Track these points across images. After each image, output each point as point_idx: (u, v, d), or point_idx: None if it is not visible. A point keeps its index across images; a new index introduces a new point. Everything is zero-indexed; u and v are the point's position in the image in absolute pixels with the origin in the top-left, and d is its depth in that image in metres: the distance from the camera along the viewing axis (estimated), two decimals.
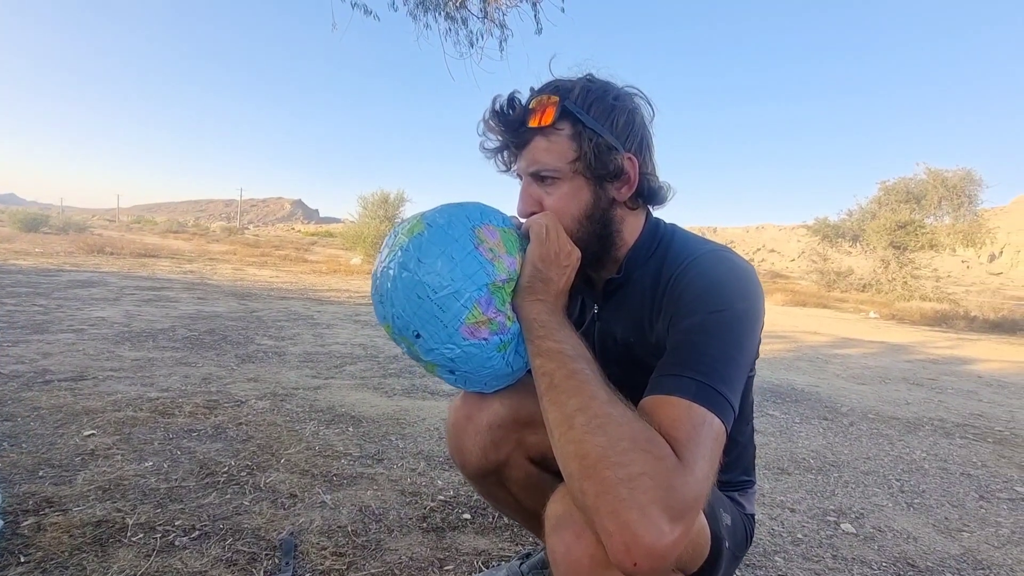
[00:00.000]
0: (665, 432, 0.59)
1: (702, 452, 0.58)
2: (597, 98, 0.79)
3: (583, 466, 0.57)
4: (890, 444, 2.44)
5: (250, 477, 1.52)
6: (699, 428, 0.60)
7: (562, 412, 0.62)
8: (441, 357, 0.76)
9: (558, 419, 0.62)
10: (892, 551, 1.43)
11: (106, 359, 2.79)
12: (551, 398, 0.65)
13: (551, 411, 0.64)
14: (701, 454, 0.58)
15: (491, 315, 0.74)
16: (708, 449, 0.59)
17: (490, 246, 0.76)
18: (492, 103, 0.80)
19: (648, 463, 0.55)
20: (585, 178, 0.79)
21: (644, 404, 0.65)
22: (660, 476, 0.54)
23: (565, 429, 0.61)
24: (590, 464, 0.56)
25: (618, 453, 0.55)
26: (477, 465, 0.92)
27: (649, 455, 0.55)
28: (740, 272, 0.74)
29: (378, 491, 1.52)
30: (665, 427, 0.60)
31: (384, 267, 0.77)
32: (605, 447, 0.56)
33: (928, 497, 1.84)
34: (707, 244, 0.80)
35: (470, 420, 0.91)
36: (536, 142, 0.79)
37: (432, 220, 0.77)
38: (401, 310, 0.75)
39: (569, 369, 0.66)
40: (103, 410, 1.98)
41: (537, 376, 0.70)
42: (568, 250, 0.77)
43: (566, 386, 0.64)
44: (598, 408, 0.60)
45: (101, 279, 6.55)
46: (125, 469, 1.50)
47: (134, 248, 12.46)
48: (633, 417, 0.60)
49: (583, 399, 0.62)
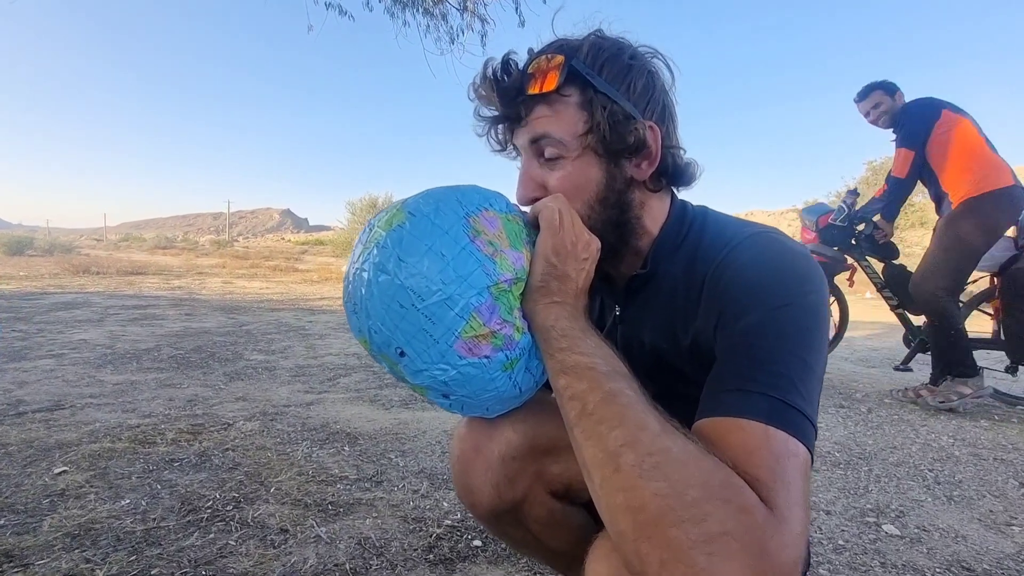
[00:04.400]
0: (742, 470, 0.45)
1: (795, 495, 0.44)
2: (610, 57, 0.65)
3: (639, 523, 0.42)
4: (914, 431, 2.33)
5: (236, 511, 1.38)
6: (784, 461, 0.46)
7: (602, 448, 0.47)
8: (432, 380, 0.61)
9: (598, 458, 0.48)
10: (943, 553, 1.31)
11: (86, 385, 2.63)
12: (585, 429, 0.50)
13: (587, 447, 0.49)
14: (794, 498, 0.44)
15: (495, 326, 0.59)
16: (800, 489, 0.45)
17: (490, 238, 0.60)
18: (483, 67, 0.66)
19: (730, 517, 0.40)
20: (597, 154, 0.66)
21: (702, 429, 0.51)
22: (749, 535, 0.40)
23: (609, 472, 0.46)
24: (649, 520, 0.42)
25: (687, 505, 0.41)
26: (490, 506, 0.76)
27: (730, 506, 0.41)
28: (799, 257, 0.60)
29: (378, 519, 1.38)
30: (740, 463, 0.45)
31: (357, 269, 0.62)
32: (668, 496, 0.42)
33: (966, 488, 1.72)
34: (750, 225, 0.66)
35: (479, 453, 0.76)
36: (537, 113, 0.66)
37: (415, 208, 0.62)
38: (380, 323, 0.60)
39: (605, 391, 0.51)
40: (78, 442, 1.83)
41: (563, 400, 0.55)
42: (586, 239, 0.64)
43: (604, 413, 0.49)
44: (651, 442, 0.45)
45: (85, 300, 6.35)
46: (98, 510, 1.36)
47: (121, 266, 12.20)
48: (698, 452, 0.45)
49: (629, 430, 0.47)
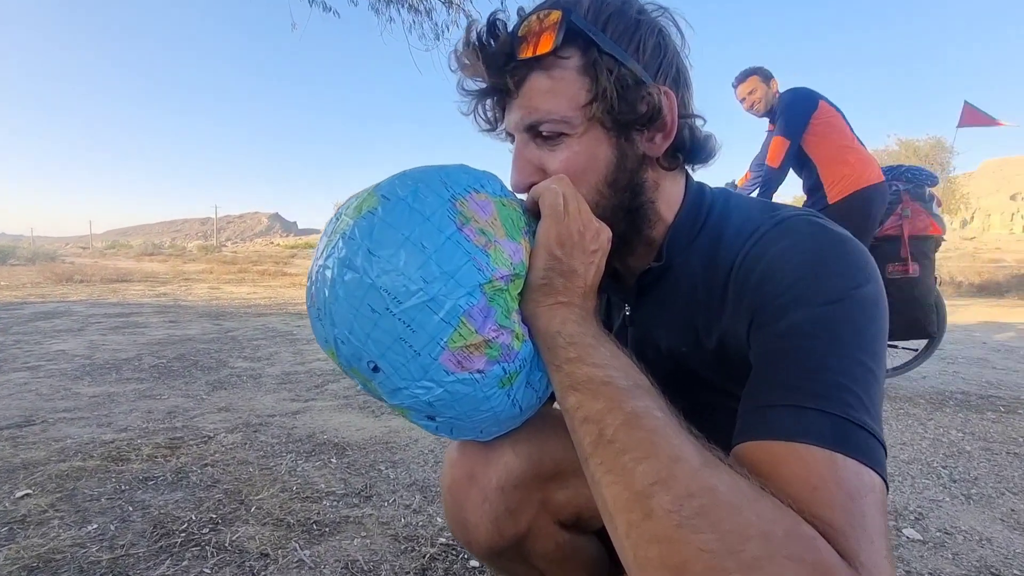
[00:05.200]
0: (807, 512, 0.35)
1: (879, 544, 0.35)
2: (615, 12, 0.55)
3: None
4: (922, 426, 2.26)
5: (213, 534, 1.28)
6: (859, 500, 0.36)
7: (628, 487, 0.37)
8: (413, 400, 0.50)
9: (622, 498, 0.37)
10: (969, 559, 1.23)
11: (60, 398, 2.51)
12: (605, 461, 0.40)
13: (608, 484, 0.39)
14: (878, 548, 0.34)
15: (489, 334, 0.48)
16: (883, 535, 0.36)
17: (482, 226, 0.49)
18: (467, 32, 0.56)
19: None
20: (604, 128, 0.56)
21: (746, 456, 0.41)
22: None
23: (638, 517, 0.36)
24: None
25: (745, 566, 0.31)
26: (489, 544, 0.65)
27: (802, 566, 0.31)
28: (845, 241, 0.51)
29: (367, 538, 1.28)
30: (803, 502, 0.36)
31: (320, 266, 0.51)
32: (718, 553, 0.32)
33: (983, 485, 1.66)
34: (781, 208, 0.57)
35: (473, 482, 0.64)
36: (533, 81, 0.55)
37: (390, 191, 0.50)
38: (347, 331, 0.48)
39: (627, 411, 0.41)
40: (46, 462, 1.71)
41: (574, 423, 0.44)
42: (596, 228, 0.54)
43: (628, 441, 0.39)
44: (691, 479, 0.35)
45: (67, 309, 6.17)
46: (61, 538, 1.25)
47: (106, 274, 11.95)
48: (753, 492, 0.35)
49: (662, 463, 0.37)
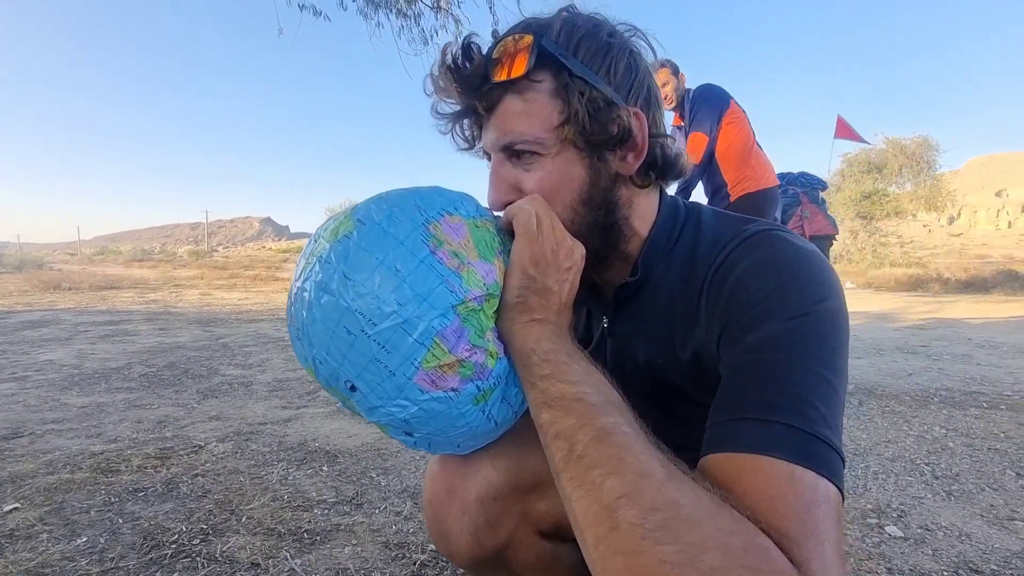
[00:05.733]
0: (765, 522, 0.37)
1: (830, 553, 0.37)
2: (586, 35, 0.57)
3: None
4: (906, 423, 2.30)
5: (204, 545, 1.28)
6: (815, 510, 0.38)
7: (596, 501, 0.39)
8: (390, 417, 0.52)
9: (591, 512, 0.40)
10: (949, 555, 1.26)
11: (49, 409, 2.49)
12: (575, 476, 0.42)
13: (578, 498, 0.41)
14: (830, 557, 0.37)
15: (462, 353, 0.51)
16: (835, 544, 0.38)
17: (454, 248, 0.52)
18: (442, 54, 0.58)
19: None
20: (577, 148, 0.58)
21: (712, 468, 0.44)
22: None
23: (605, 530, 0.38)
24: None
25: (704, 574, 0.33)
26: (470, 556, 0.67)
27: (757, 575, 0.33)
28: (810, 255, 0.53)
29: (358, 546, 1.29)
30: (762, 513, 0.38)
31: (299, 288, 0.53)
32: (680, 564, 0.34)
33: (964, 481, 1.69)
34: (752, 222, 0.59)
35: (453, 496, 0.67)
36: (507, 103, 0.58)
37: (365, 215, 0.53)
38: (325, 352, 0.51)
39: (598, 427, 0.43)
40: (34, 474, 1.70)
41: (547, 439, 0.47)
42: (569, 246, 0.56)
43: (597, 456, 0.42)
44: (656, 493, 0.38)
45: (55, 317, 6.10)
46: (50, 551, 1.25)
47: (94, 281, 11.83)
48: (714, 505, 0.38)
49: (628, 478, 0.39)
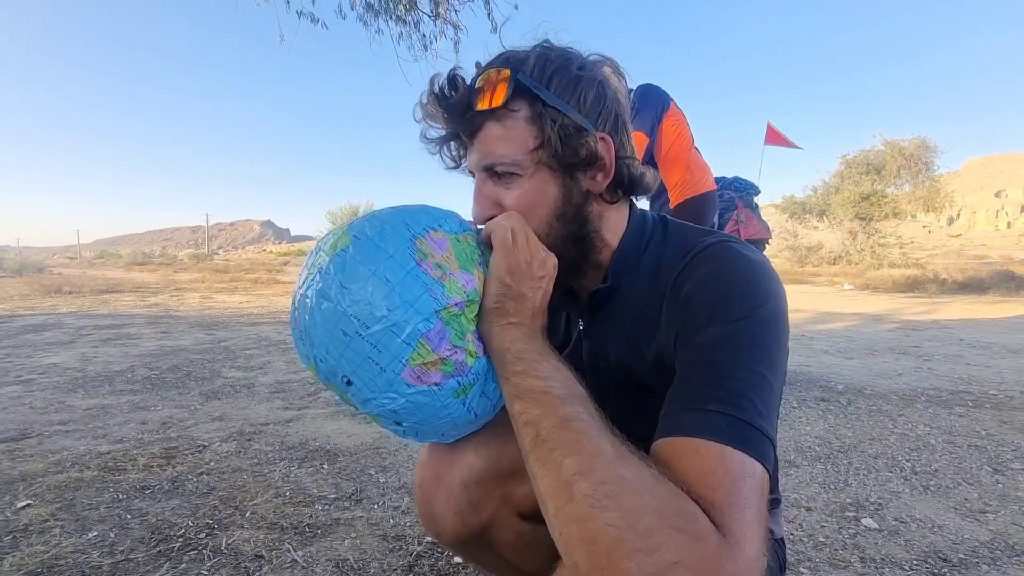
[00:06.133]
0: (697, 493, 0.44)
1: (749, 518, 0.44)
2: (558, 68, 0.64)
3: (593, 555, 0.42)
4: (892, 421, 2.36)
5: (210, 539, 1.34)
6: (740, 484, 0.46)
7: (556, 477, 0.47)
8: (381, 409, 0.60)
9: (552, 487, 0.47)
10: (920, 545, 1.32)
11: (54, 411, 2.55)
12: (539, 457, 0.49)
13: (541, 475, 0.49)
14: (749, 521, 0.44)
15: (444, 352, 0.58)
16: (755, 511, 0.45)
17: (437, 261, 0.60)
18: (430, 84, 0.65)
19: (683, 547, 0.40)
20: (551, 169, 0.65)
21: (659, 451, 0.51)
22: (702, 564, 0.40)
23: (562, 502, 0.45)
24: (602, 552, 0.41)
25: (640, 535, 0.40)
26: (454, 533, 0.75)
27: (683, 535, 0.41)
28: (756, 264, 0.60)
29: (357, 539, 1.35)
30: (695, 485, 0.45)
31: (301, 295, 0.61)
32: (621, 527, 0.41)
33: (942, 477, 1.75)
34: (709, 234, 0.66)
35: (439, 480, 0.75)
36: (488, 129, 0.65)
37: (360, 231, 0.61)
38: (324, 351, 0.59)
39: (560, 416, 0.50)
40: (44, 473, 1.76)
41: (518, 426, 0.54)
42: (542, 257, 0.63)
43: (559, 440, 0.49)
44: (605, 470, 0.45)
45: (57, 321, 6.16)
46: (63, 544, 1.31)
47: (95, 285, 11.87)
48: (654, 479, 0.45)
49: (583, 458, 0.46)
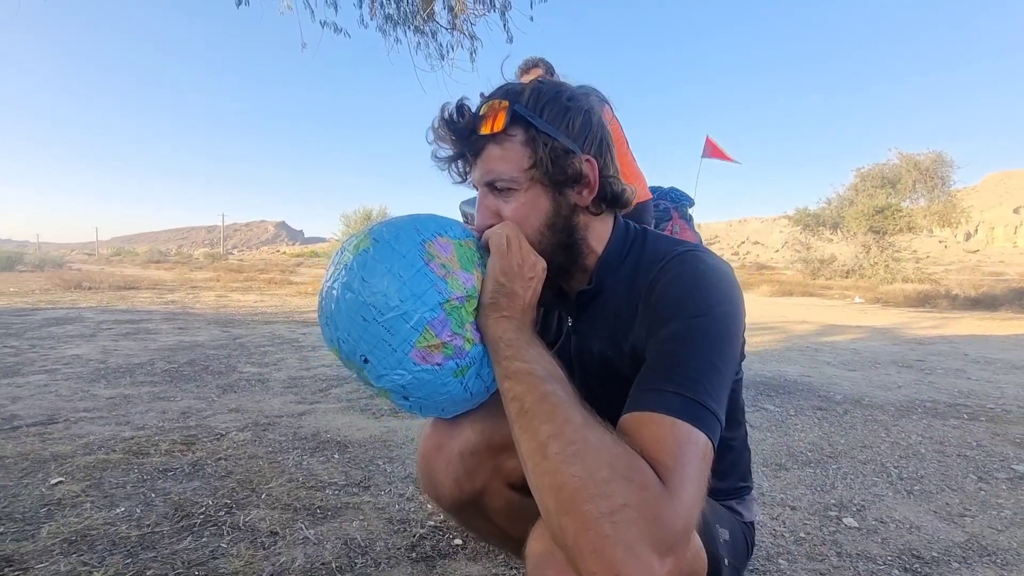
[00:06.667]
0: (649, 454, 0.54)
1: (689, 474, 0.54)
2: (549, 100, 0.75)
3: (560, 500, 0.52)
4: (885, 430, 2.42)
5: (228, 516, 1.45)
6: (685, 448, 0.56)
7: (535, 440, 0.57)
8: (391, 383, 0.71)
9: (530, 448, 0.57)
10: (896, 543, 1.39)
11: (79, 399, 2.68)
12: (522, 425, 0.60)
13: (523, 439, 0.59)
14: (688, 476, 0.54)
15: (445, 338, 0.69)
16: (696, 470, 0.55)
17: (442, 261, 0.71)
18: (441, 111, 0.76)
19: (631, 493, 0.50)
20: (543, 185, 0.75)
21: (624, 423, 0.61)
22: (645, 506, 0.49)
23: (539, 459, 0.55)
24: (567, 498, 0.51)
25: (597, 483, 0.50)
26: (451, 497, 0.86)
27: (632, 483, 0.50)
28: (716, 272, 0.70)
29: (364, 521, 1.45)
30: (648, 449, 0.55)
31: (329, 287, 0.73)
32: (583, 477, 0.51)
33: (927, 483, 1.81)
34: (680, 244, 0.76)
35: (440, 450, 0.86)
36: (489, 150, 0.75)
37: (379, 235, 0.73)
38: (346, 333, 0.70)
39: (540, 392, 0.61)
40: (73, 455, 1.88)
41: (506, 401, 0.64)
42: (532, 261, 0.73)
43: (538, 411, 0.59)
44: (573, 433, 0.55)
45: (78, 315, 6.36)
46: (94, 517, 1.42)
47: (113, 281, 12.15)
48: (612, 441, 0.55)
49: (556, 424, 0.56)
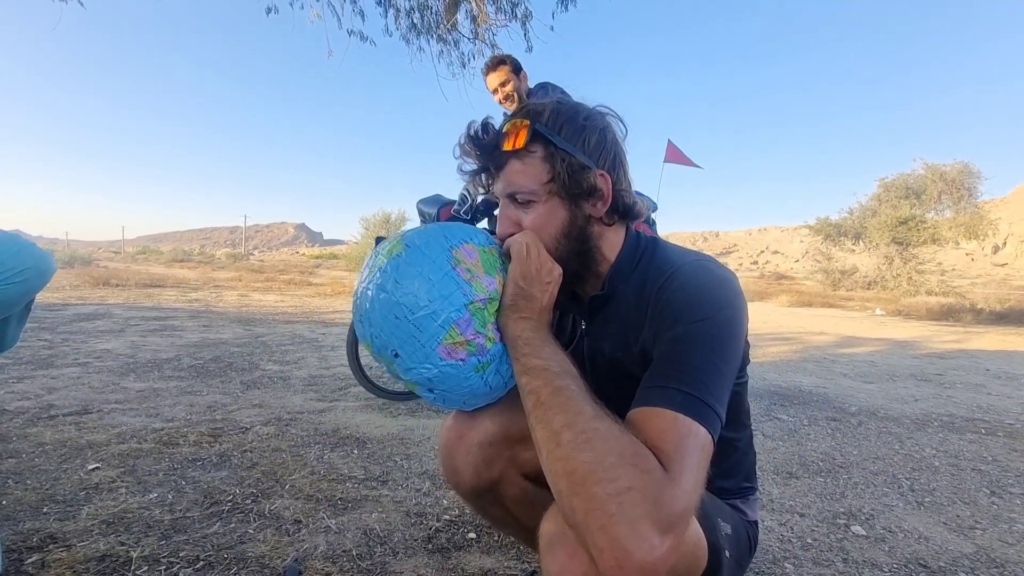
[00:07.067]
0: (652, 445, 0.60)
1: (689, 463, 0.59)
2: (567, 119, 0.81)
3: (571, 483, 0.57)
4: (899, 443, 2.41)
5: (255, 504, 1.52)
6: (686, 439, 0.61)
7: (549, 429, 0.63)
8: (419, 376, 0.77)
9: (545, 437, 0.63)
10: (903, 552, 1.41)
11: (111, 391, 2.80)
12: (538, 416, 0.66)
13: (538, 429, 0.65)
14: (688, 465, 0.59)
15: (469, 336, 0.75)
16: (695, 460, 0.60)
17: (468, 266, 0.77)
18: (467, 128, 0.83)
19: (635, 477, 0.55)
20: (560, 197, 0.81)
21: (631, 417, 0.66)
22: (648, 489, 0.55)
23: (552, 447, 0.61)
24: (578, 481, 0.57)
25: (605, 468, 0.56)
26: (470, 484, 0.92)
27: (636, 469, 0.56)
28: (721, 281, 0.75)
29: (383, 513, 1.51)
30: (652, 440, 0.60)
31: (364, 287, 0.79)
32: (592, 463, 0.57)
33: (939, 495, 1.82)
34: (688, 254, 0.81)
35: (461, 439, 0.92)
36: (511, 165, 0.81)
37: (411, 241, 0.79)
38: (380, 330, 0.77)
39: (555, 386, 0.66)
40: (107, 443, 1.98)
41: (524, 394, 0.70)
42: (549, 267, 0.79)
43: (552, 403, 0.65)
44: (584, 424, 0.61)
45: (107, 311, 6.57)
46: (129, 502, 1.51)
47: (140, 279, 12.47)
48: (619, 431, 0.60)
49: (569, 415, 0.62)
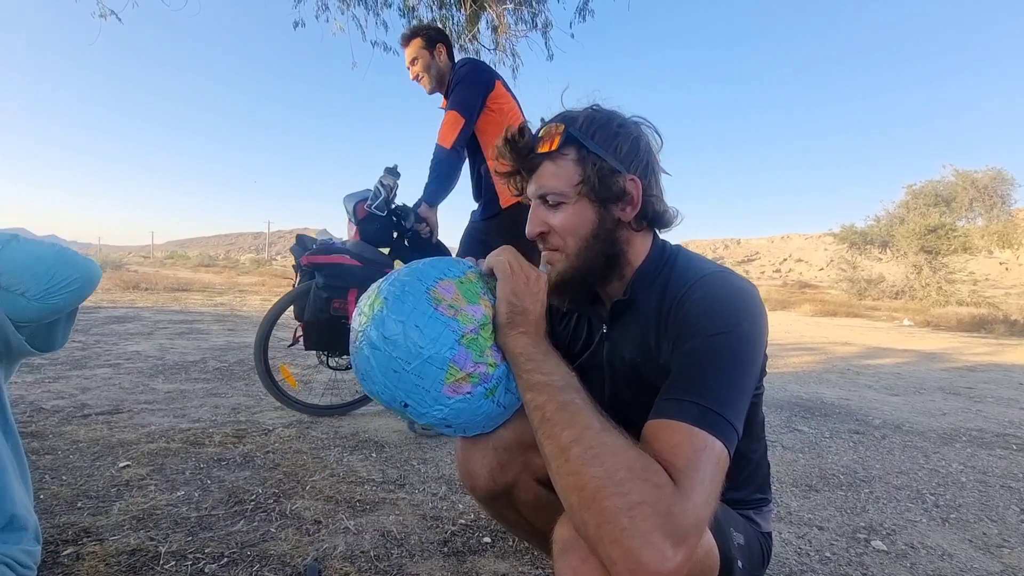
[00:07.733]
0: (664, 458, 0.61)
1: (702, 476, 0.60)
2: (601, 125, 0.83)
3: (582, 498, 0.58)
4: (924, 457, 2.36)
5: (276, 504, 1.56)
6: (699, 453, 0.61)
7: (557, 445, 0.64)
8: (434, 419, 0.78)
9: (554, 452, 0.64)
10: (926, 568, 1.38)
11: (140, 392, 2.89)
12: (545, 431, 0.67)
13: (546, 444, 0.66)
14: (700, 478, 0.60)
15: (470, 369, 0.76)
16: (708, 473, 0.61)
17: (449, 302, 0.77)
18: (504, 132, 0.85)
19: (646, 491, 0.56)
20: (590, 200, 0.82)
21: (647, 429, 0.67)
22: (659, 503, 0.56)
23: (561, 462, 0.62)
24: (589, 495, 0.58)
25: (616, 483, 0.57)
26: (486, 488, 0.94)
27: (647, 483, 0.57)
28: (742, 293, 0.75)
29: (400, 516, 1.54)
30: (665, 453, 0.61)
31: (358, 347, 0.79)
32: (602, 477, 0.58)
33: (965, 512, 1.77)
34: (710, 265, 0.82)
35: (476, 444, 0.94)
36: (544, 167, 0.84)
37: (388, 293, 0.79)
38: (383, 386, 0.77)
39: (560, 401, 0.68)
40: (137, 442, 2.05)
41: (529, 411, 0.72)
42: (535, 276, 0.81)
43: (558, 418, 0.66)
44: (592, 438, 0.62)
45: (136, 314, 6.77)
46: (158, 499, 1.56)
47: (168, 283, 12.83)
48: (627, 445, 0.61)
49: (576, 430, 0.63)
